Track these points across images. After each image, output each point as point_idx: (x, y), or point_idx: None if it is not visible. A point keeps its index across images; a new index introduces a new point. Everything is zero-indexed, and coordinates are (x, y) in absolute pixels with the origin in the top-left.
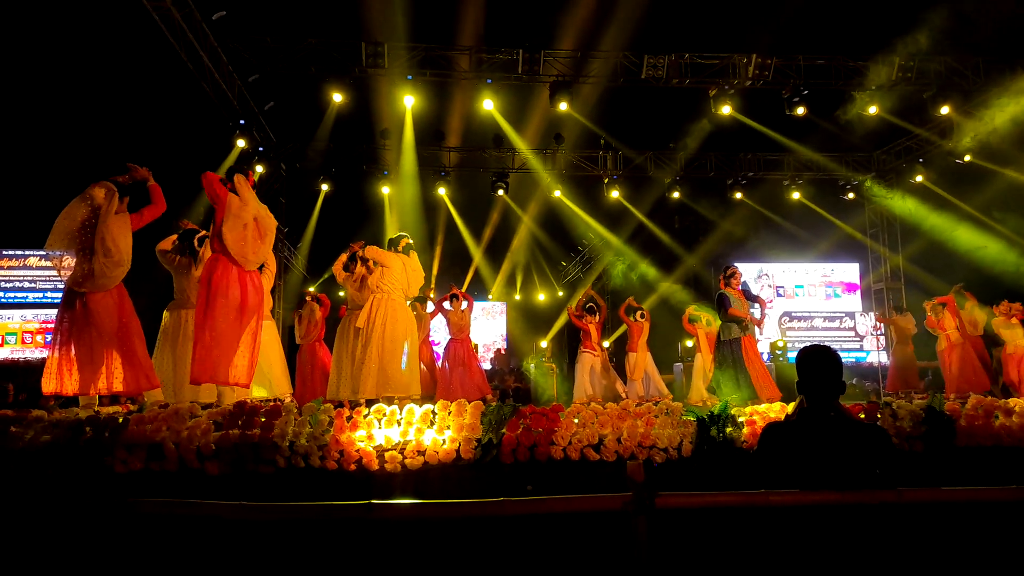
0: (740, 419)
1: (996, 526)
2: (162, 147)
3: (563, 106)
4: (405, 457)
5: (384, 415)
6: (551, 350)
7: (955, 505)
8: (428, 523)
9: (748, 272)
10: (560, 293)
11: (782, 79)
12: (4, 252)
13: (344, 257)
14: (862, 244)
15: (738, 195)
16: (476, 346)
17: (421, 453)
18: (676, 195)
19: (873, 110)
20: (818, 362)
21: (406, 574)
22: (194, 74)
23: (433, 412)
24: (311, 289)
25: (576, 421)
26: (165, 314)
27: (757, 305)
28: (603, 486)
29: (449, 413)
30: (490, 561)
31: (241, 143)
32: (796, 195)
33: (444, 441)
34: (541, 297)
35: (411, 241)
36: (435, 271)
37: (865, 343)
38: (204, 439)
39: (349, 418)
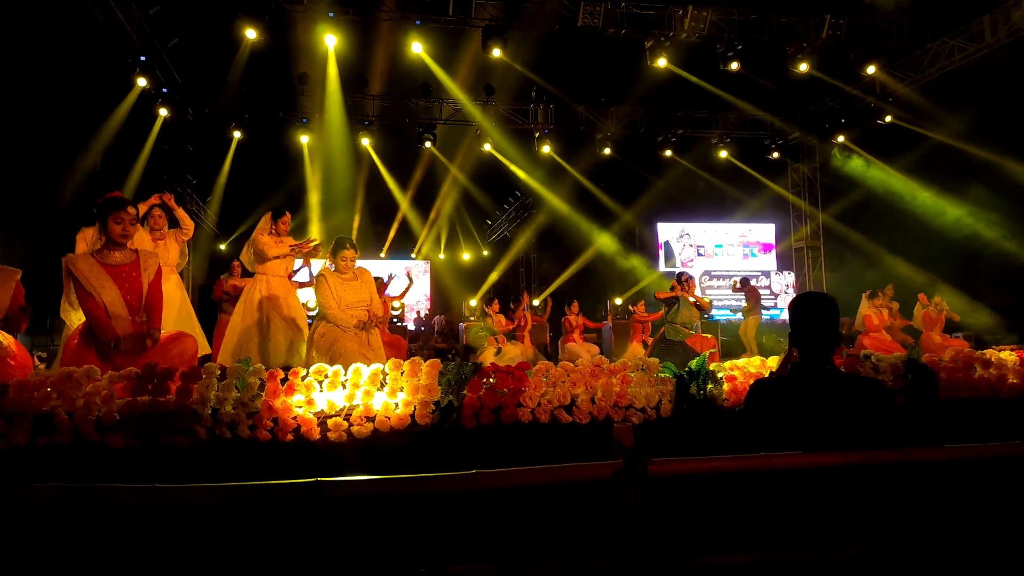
0: (719, 375)
1: (999, 481)
2: (51, 86)
3: (496, 52)
4: (351, 424)
5: (326, 376)
6: (479, 310)
7: (960, 463)
8: (387, 501)
9: (672, 231)
10: (485, 252)
11: (717, 34)
12: None
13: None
14: (782, 205)
15: (668, 152)
16: (403, 305)
17: (370, 419)
18: (607, 151)
19: (804, 67)
20: (814, 311)
21: (364, 561)
22: (86, 1)
23: (384, 372)
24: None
25: (545, 380)
26: None
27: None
28: (577, 450)
29: (402, 373)
30: (461, 539)
31: (142, 82)
32: (723, 154)
33: (397, 405)
34: (466, 256)
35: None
36: (356, 226)
37: (779, 301)
38: (105, 407)
39: (284, 380)
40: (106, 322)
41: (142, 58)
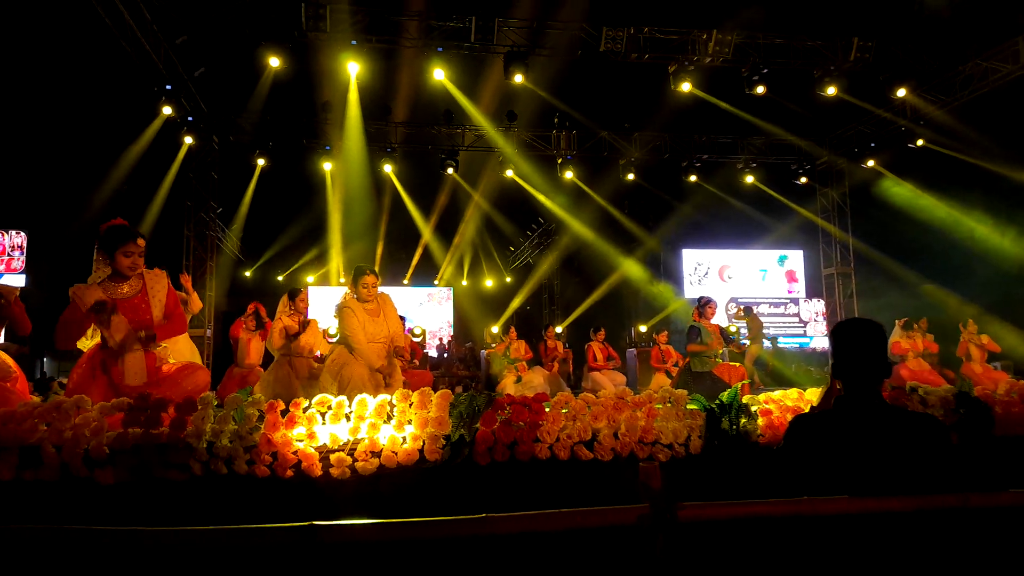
0: (753, 408)
1: None
2: (79, 114)
3: (518, 78)
4: (356, 460)
5: (329, 408)
6: (499, 337)
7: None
8: (390, 547)
9: (698, 257)
10: (508, 279)
11: (742, 57)
12: None
13: None
14: (811, 230)
15: (693, 178)
16: (424, 332)
17: (376, 454)
18: (631, 176)
19: (831, 91)
20: (859, 338)
21: None
22: (113, 31)
23: (391, 404)
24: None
25: (564, 413)
26: None
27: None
28: (600, 491)
29: (410, 405)
30: None
31: (167, 110)
32: (750, 179)
33: (404, 439)
34: (489, 283)
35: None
36: (379, 253)
37: (809, 329)
38: (95, 440)
39: (285, 412)
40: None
41: (168, 87)
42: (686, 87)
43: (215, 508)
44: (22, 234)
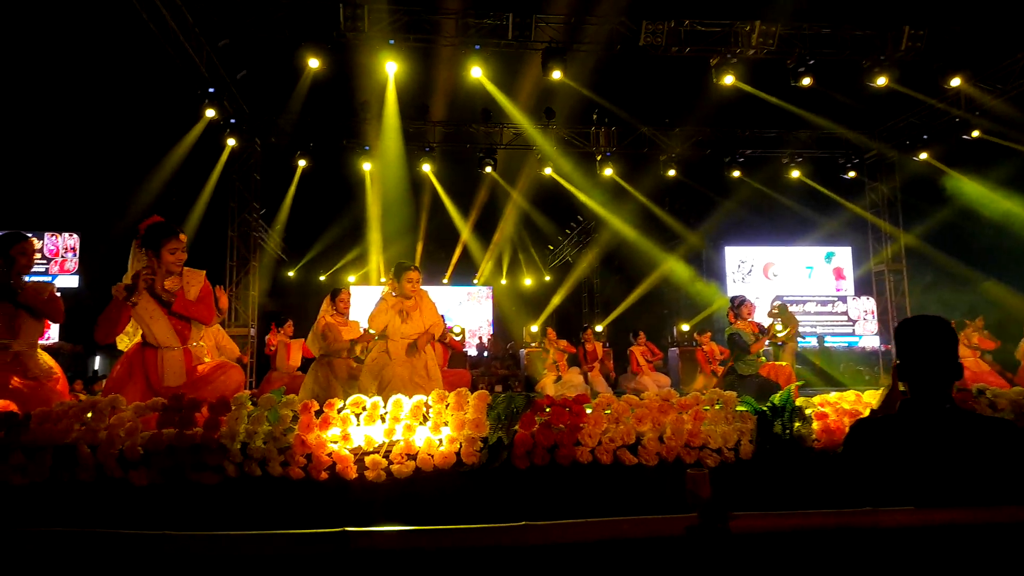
0: (807, 411)
1: None
2: (126, 117)
3: (556, 75)
4: (391, 462)
5: (364, 409)
6: (539, 337)
7: None
8: (425, 555)
9: (742, 255)
10: (547, 278)
11: (787, 49)
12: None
13: None
14: (859, 226)
15: (736, 173)
16: (464, 331)
17: (412, 457)
18: (672, 173)
19: (881, 81)
20: (928, 337)
21: None
22: (157, 36)
23: (426, 405)
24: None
25: (607, 415)
26: None
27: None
28: (644, 498)
29: (447, 406)
30: None
31: (210, 113)
32: (795, 173)
33: (441, 441)
34: (528, 282)
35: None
36: (419, 253)
37: (857, 327)
38: (129, 440)
39: (319, 413)
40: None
41: (211, 89)
42: (729, 80)
43: (249, 510)
44: (75, 236)
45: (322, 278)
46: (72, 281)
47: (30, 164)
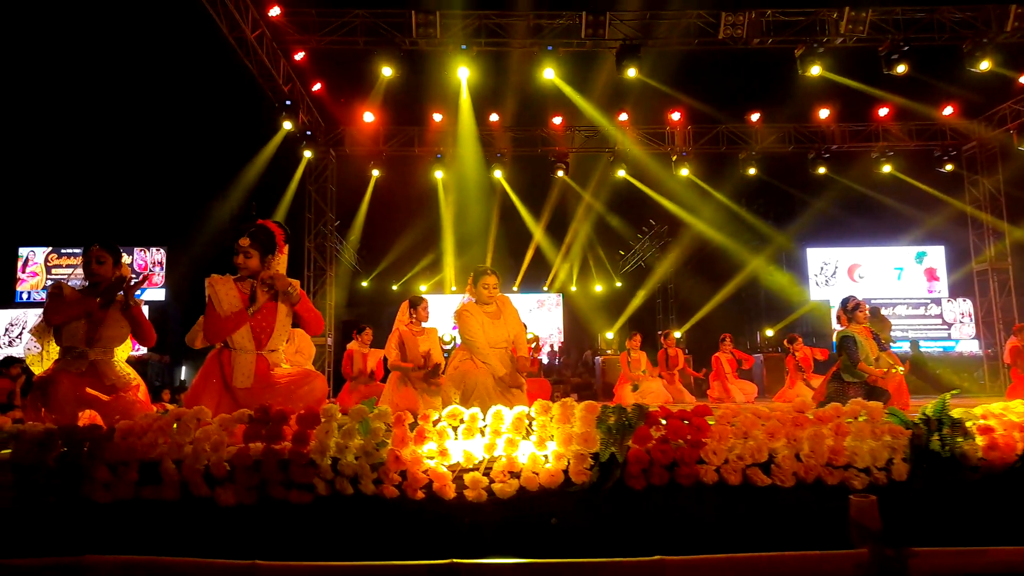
0: (968, 423)
1: None
2: (205, 132)
3: (631, 72)
4: (492, 480)
5: (462, 421)
6: (616, 344)
7: None
8: None
9: (825, 256)
10: (618, 284)
11: (878, 35)
12: (62, 251)
13: None
14: (958, 223)
15: (822, 170)
16: (537, 338)
17: (515, 475)
18: (752, 171)
19: (984, 66)
20: None
21: None
22: (237, 51)
23: (530, 417)
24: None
25: (732, 428)
26: None
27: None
28: (779, 523)
29: (551, 418)
30: None
31: (288, 125)
32: (887, 168)
33: (547, 458)
34: (598, 288)
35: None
36: (489, 260)
37: (953, 331)
38: (215, 456)
39: (414, 426)
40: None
41: (288, 102)
42: (815, 71)
43: (340, 533)
44: (161, 251)
45: (395, 287)
46: (159, 294)
47: (119, 182)
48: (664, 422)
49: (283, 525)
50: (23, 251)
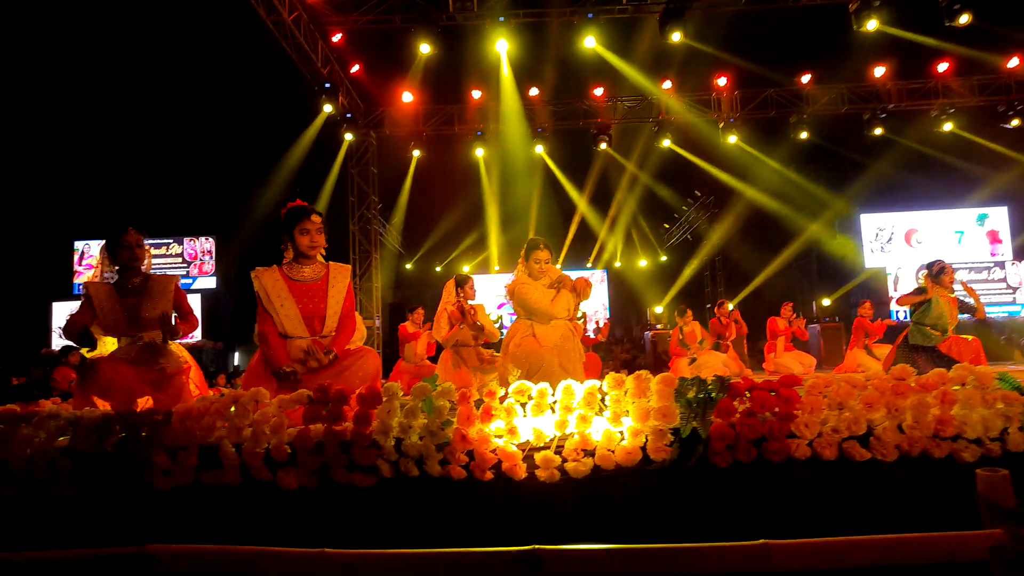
0: None
1: None
2: (247, 119)
3: (676, 37)
4: (565, 459)
5: (530, 398)
6: (665, 318)
7: None
8: None
9: (879, 222)
10: (663, 258)
11: None
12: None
13: None
14: (1022, 182)
15: (878, 131)
16: (585, 315)
17: (589, 453)
18: (804, 135)
19: None
20: None
21: None
22: (275, 34)
23: (602, 391)
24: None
25: (825, 399)
26: None
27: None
28: (883, 504)
29: (626, 392)
30: None
31: (328, 108)
32: (948, 127)
33: (622, 435)
34: (643, 263)
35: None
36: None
37: (1019, 295)
38: (275, 438)
39: (479, 403)
40: (277, 349)
41: (327, 85)
42: (871, 25)
43: (407, 517)
44: (210, 240)
45: (438, 269)
46: (210, 282)
47: (167, 174)
48: (749, 394)
49: (347, 510)
50: (79, 244)
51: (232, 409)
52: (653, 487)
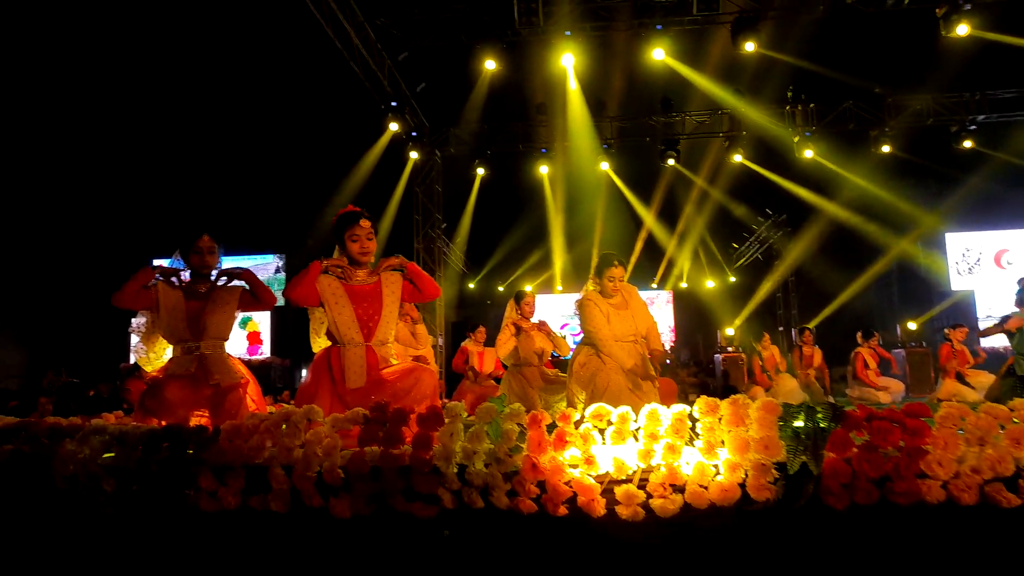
0: None
1: None
2: (313, 132)
3: (749, 47)
4: (650, 495)
5: (609, 422)
6: (737, 340)
7: None
8: None
9: (967, 242)
10: (732, 279)
11: None
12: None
13: None
14: None
15: (968, 144)
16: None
17: (678, 489)
18: (886, 148)
19: None
20: None
21: None
22: (343, 53)
23: (692, 417)
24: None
25: (961, 433)
26: None
27: None
28: None
29: (720, 419)
30: None
31: (394, 126)
32: None
33: (717, 469)
34: (710, 284)
35: None
36: (595, 260)
37: None
38: (328, 460)
39: (552, 428)
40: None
41: (393, 104)
42: (962, 30)
43: (470, 553)
44: (281, 257)
45: (501, 288)
46: (279, 300)
47: (239, 192)
48: (868, 424)
49: (405, 543)
50: (156, 263)
51: (283, 427)
52: (753, 530)
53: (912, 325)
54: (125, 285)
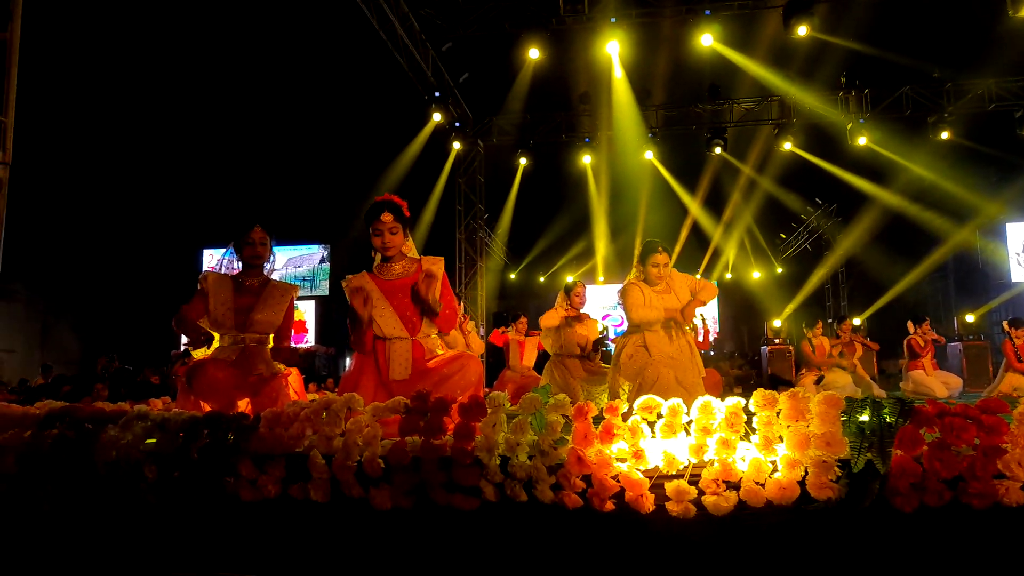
0: None
1: None
2: (357, 123)
3: (802, 31)
4: (702, 492)
5: (659, 414)
6: (784, 332)
7: None
8: None
9: None
10: (779, 270)
11: None
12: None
13: None
14: None
15: None
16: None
17: (732, 486)
18: (945, 135)
19: None
20: None
21: None
22: (387, 43)
23: (748, 411)
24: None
25: None
26: None
27: None
28: None
29: (778, 412)
30: None
31: (437, 117)
32: None
33: (775, 465)
34: (756, 275)
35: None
36: (637, 251)
37: None
38: (368, 450)
39: (598, 420)
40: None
41: (436, 94)
42: None
43: (512, 547)
44: (325, 247)
45: (542, 279)
46: (324, 289)
47: (285, 183)
48: (938, 420)
49: (446, 536)
50: (207, 252)
51: (324, 416)
52: (813, 531)
53: (970, 317)
54: (184, 317)
